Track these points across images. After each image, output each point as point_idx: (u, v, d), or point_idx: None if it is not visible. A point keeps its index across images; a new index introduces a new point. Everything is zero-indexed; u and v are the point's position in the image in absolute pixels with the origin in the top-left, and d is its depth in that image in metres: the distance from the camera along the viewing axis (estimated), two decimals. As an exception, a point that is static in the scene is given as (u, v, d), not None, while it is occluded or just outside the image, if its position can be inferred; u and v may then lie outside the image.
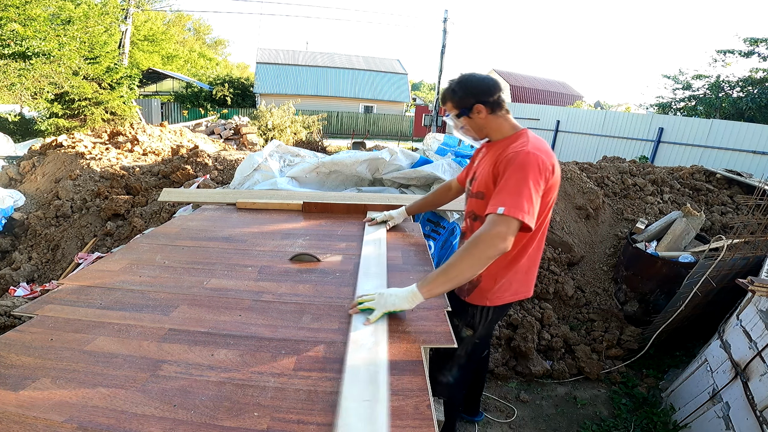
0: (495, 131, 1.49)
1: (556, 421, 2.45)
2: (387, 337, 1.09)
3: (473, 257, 1.21)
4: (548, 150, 1.40)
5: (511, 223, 1.23)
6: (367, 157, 3.08)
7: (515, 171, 1.30)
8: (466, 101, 1.45)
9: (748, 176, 4.73)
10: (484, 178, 1.46)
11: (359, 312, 1.19)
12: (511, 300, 1.59)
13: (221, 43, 37.34)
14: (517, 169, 1.30)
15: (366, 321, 1.15)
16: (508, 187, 1.28)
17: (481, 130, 1.50)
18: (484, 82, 1.45)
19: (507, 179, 1.30)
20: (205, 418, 0.84)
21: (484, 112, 1.44)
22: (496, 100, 1.45)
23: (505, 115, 1.48)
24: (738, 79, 11.16)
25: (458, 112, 1.48)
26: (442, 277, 1.19)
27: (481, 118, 1.45)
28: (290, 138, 11.59)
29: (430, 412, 0.86)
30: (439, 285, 1.20)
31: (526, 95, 24.13)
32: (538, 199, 1.29)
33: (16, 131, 10.10)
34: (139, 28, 22.20)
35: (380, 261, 1.55)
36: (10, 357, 1.00)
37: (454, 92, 1.47)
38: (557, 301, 3.32)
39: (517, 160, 1.31)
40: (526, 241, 1.49)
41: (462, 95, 1.45)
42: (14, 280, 3.52)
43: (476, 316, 1.60)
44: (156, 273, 1.50)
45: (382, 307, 1.17)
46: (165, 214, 3.78)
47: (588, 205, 3.92)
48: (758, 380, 1.86)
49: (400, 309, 1.18)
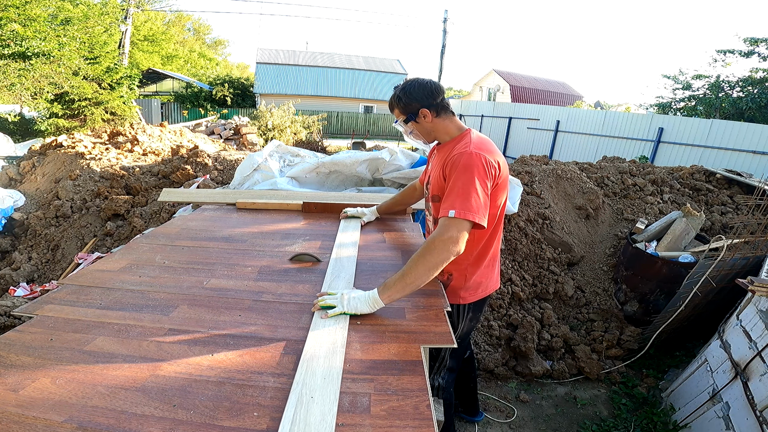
0: (442, 133, 1.53)
1: (556, 421, 2.45)
2: (345, 340, 1.09)
3: (428, 262, 1.24)
4: (491, 148, 1.43)
5: (462, 225, 1.26)
6: (367, 157, 3.08)
7: (461, 173, 1.33)
8: (411, 107, 1.49)
9: (748, 176, 4.73)
10: (437, 181, 1.50)
11: (320, 309, 1.22)
12: (483, 295, 1.63)
13: (221, 43, 37.34)
14: (463, 170, 1.33)
15: (324, 315, 1.19)
16: (456, 190, 1.31)
17: (429, 133, 1.54)
18: (427, 87, 1.49)
19: (454, 182, 1.34)
20: (205, 418, 0.84)
21: (430, 116, 1.48)
22: (440, 103, 1.49)
23: (451, 117, 1.53)
24: (738, 79, 11.15)
25: (405, 118, 1.52)
26: (400, 283, 1.22)
27: (428, 122, 1.50)
28: (290, 138, 11.59)
29: (430, 412, 0.86)
30: (398, 291, 1.22)
31: (526, 95, 24.12)
32: (486, 197, 1.32)
33: (16, 131, 10.10)
34: (139, 28, 22.20)
35: (350, 262, 1.57)
36: (10, 357, 1.00)
37: (400, 99, 1.51)
38: (557, 301, 3.32)
39: (462, 162, 1.34)
40: (488, 237, 1.53)
41: (407, 101, 1.49)
42: (14, 280, 3.52)
43: (453, 315, 1.62)
44: (156, 273, 1.50)
45: (342, 306, 1.19)
46: (165, 214, 3.77)
47: (588, 205, 3.92)
48: (758, 380, 1.86)
49: (361, 312, 1.20)
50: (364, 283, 1.43)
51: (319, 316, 1.19)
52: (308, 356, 1.01)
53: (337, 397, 0.88)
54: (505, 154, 13.28)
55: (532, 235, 3.50)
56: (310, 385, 0.91)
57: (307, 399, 0.87)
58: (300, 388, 0.90)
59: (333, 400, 0.87)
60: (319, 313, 1.21)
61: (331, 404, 0.86)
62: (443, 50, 14.82)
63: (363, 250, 1.73)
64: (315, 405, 0.85)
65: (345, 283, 1.39)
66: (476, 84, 28.61)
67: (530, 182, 3.98)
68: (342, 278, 1.44)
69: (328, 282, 1.41)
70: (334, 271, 1.49)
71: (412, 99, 1.49)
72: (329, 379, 0.93)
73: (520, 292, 3.15)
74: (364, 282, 1.43)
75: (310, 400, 0.87)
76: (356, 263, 1.57)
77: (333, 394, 0.89)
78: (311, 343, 1.07)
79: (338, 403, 0.88)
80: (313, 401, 0.87)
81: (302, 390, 0.90)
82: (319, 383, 0.92)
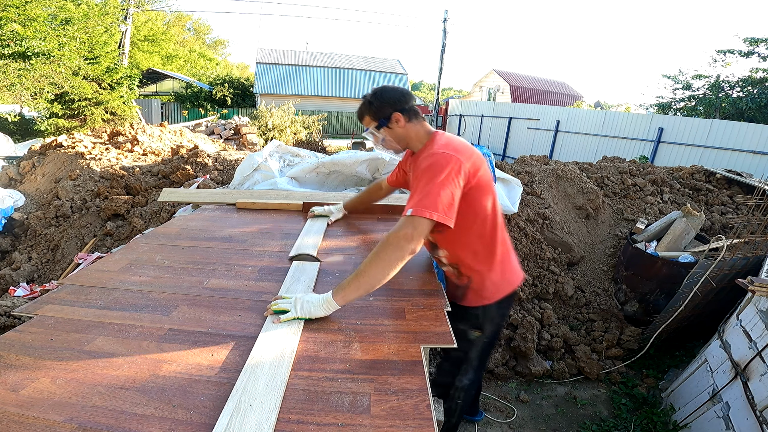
0: (414, 139, 1.49)
1: (556, 421, 2.45)
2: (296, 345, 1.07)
3: (382, 261, 1.20)
4: (459, 146, 1.38)
5: (418, 223, 1.22)
6: (367, 157, 3.08)
7: (423, 173, 1.30)
8: (383, 111, 1.46)
9: (748, 176, 4.73)
10: None
11: (272, 314, 1.19)
12: (507, 292, 1.58)
13: (221, 43, 37.31)
14: (425, 171, 1.30)
15: (276, 320, 1.16)
16: (418, 190, 1.28)
17: (401, 139, 1.50)
18: (398, 91, 1.47)
19: (417, 183, 1.31)
20: (205, 418, 0.84)
21: (403, 121, 1.45)
22: (411, 107, 1.47)
23: (421, 122, 1.50)
24: (738, 79, 11.15)
25: (377, 124, 1.48)
26: (355, 283, 1.19)
27: (401, 127, 1.46)
28: (290, 138, 11.59)
29: (430, 412, 0.86)
30: (353, 291, 1.20)
31: (526, 95, 24.12)
32: (451, 196, 1.26)
33: (16, 131, 10.09)
34: (139, 28, 22.18)
35: (312, 266, 1.54)
36: (10, 357, 1.00)
37: (371, 104, 1.48)
38: (557, 301, 3.32)
39: (425, 164, 1.32)
40: (489, 232, 1.48)
41: (379, 105, 1.46)
42: (14, 280, 3.52)
43: (479, 317, 1.59)
44: (156, 273, 1.50)
45: (296, 311, 1.17)
46: (165, 214, 3.77)
47: (588, 205, 3.92)
48: (758, 380, 1.86)
49: (315, 316, 1.18)
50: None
51: (271, 321, 1.16)
52: (253, 362, 0.98)
53: (278, 406, 0.86)
54: (505, 154, 13.28)
55: (532, 235, 3.50)
56: (251, 392, 0.88)
57: (245, 407, 0.85)
58: (239, 395, 0.87)
59: (273, 409, 0.85)
60: (271, 318, 1.18)
61: (270, 412, 0.84)
62: (443, 50, 14.82)
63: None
64: (253, 413, 0.83)
65: (304, 287, 1.36)
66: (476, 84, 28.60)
67: (530, 182, 3.98)
68: (302, 282, 1.40)
69: (287, 285, 1.38)
70: (295, 275, 1.46)
71: (384, 103, 1.46)
72: (272, 386, 0.90)
73: (520, 292, 3.15)
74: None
75: (248, 408, 0.84)
76: (318, 267, 1.54)
77: (274, 402, 0.86)
78: (258, 348, 1.04)
79: (334, 403, 0.88)
80: (251, 409, 0.84)
81: (241, 397, 0.87)
82: (261, 390, 0.89)
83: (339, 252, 1.73)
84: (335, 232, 1.99)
